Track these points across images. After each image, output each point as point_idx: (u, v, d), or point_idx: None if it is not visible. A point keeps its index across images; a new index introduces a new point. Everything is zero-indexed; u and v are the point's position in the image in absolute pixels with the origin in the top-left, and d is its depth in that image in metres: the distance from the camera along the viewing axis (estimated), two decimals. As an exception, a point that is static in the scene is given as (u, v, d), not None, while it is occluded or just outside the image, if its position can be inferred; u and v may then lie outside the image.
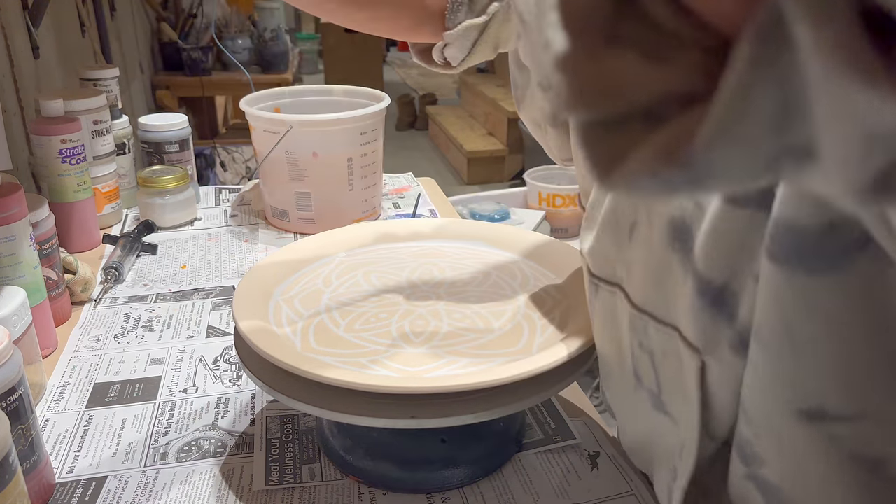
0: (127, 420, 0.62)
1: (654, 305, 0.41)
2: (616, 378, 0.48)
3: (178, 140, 1.06)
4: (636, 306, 0.43)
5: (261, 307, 0.57)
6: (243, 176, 2.19)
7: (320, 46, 5.57)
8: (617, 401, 0.50)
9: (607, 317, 0.47)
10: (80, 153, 0.89)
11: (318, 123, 0.93)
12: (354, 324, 0.56)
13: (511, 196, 2.24)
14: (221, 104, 3.13)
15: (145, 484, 0.55)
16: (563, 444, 0.59)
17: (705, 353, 0.37)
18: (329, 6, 0.56)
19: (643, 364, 0.44)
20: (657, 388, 0.43)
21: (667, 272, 0.39)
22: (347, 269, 0.65)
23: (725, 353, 0.37)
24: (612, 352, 0.48)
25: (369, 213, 1.02)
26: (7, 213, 0.65)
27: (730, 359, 0.36)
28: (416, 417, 0.47)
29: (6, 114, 1.02)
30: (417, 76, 6.04)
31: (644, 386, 0.45)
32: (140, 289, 0.85)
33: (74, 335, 0.75)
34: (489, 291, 0.61)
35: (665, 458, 0.45)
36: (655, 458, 0.48)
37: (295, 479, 0.55)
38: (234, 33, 2.51)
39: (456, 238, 0.71)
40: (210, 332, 0.76)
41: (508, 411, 0.48)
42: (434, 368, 0.50)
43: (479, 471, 0.55)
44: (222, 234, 1.01)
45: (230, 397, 0.65)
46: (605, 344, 0.49)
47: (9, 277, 0.67)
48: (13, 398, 0.48)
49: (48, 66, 1.28)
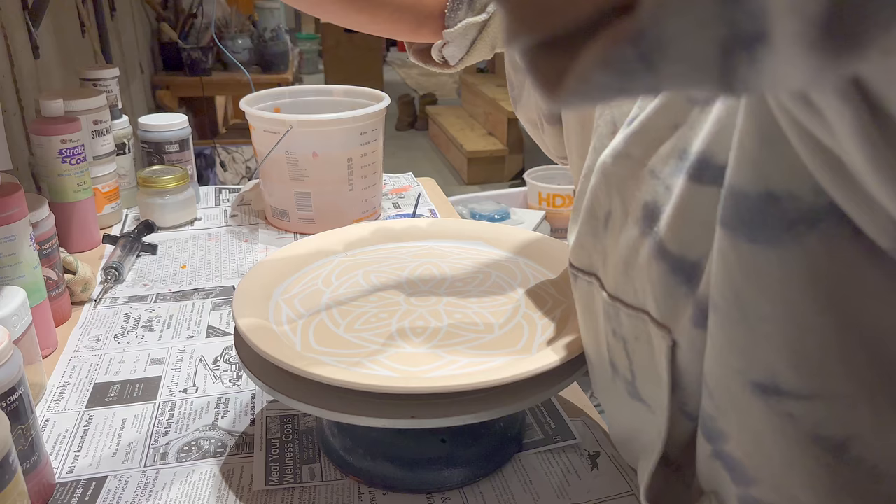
0: (127, 420, 0.62)
1: (625, 291, 0.42)
2: (597, 370, 0.49)
3: (178, 140, 1.06)
4: (608, 293, 0.43)
5: (261, 307, 0.57)
6: (243, 176, 2.19)
7: (320, 46, 5.57)
8: (600, 393, 0.51)
9: (586, 308, 0.47)
10: (80, 153, 0.89)
11: (318, 123, 0.93)
12: (354, 324, 0.56)
13: (511, 196, 2.24)
14: (221, 104, 3.13)
15: (145, 484, 0.55)
16: (563, 444, 0.59)
17: (675, 331, 0.38)
18: (329, 7, 0.56)
19: (617, 352, 0.44)
20: (631, 375, 0.44)
21: (636, 256, 0.40)
22: (347, 269, 0.65)
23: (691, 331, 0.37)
24: (591, 343, 0.48)
25: (369, 213, 1.03)
26: (7, 213, 0.65)
27: (694, 332, 0.37)
28: (416, 417, 0.47)
29: (6, 114, 1.02)
30: (417, 76, 6.04)
31: (620, 375, 0.45)
32: (140, 289, 0.85)
33: (74, 335, 0.75)
34: (489, 291, 0.61)
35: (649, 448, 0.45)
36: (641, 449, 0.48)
37: (295, 479, 0.55)
38: (234, 33, 2.51)
39: (456, 238, 0.71)
40: (210, 332, 0.76)
41: (508, 411, 0.48)
42: (434, 368, 0.50)
43: (479, 471, 0.55)
44: (222, 234, 1.01)
45: (230, 397, 0.65)
46: (586, 336, 0.49)
47: (9, 277, 0.67)
48: (13, 398, 0.48)
49: (48, 66, 1.28)
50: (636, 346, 0.42)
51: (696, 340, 0.37)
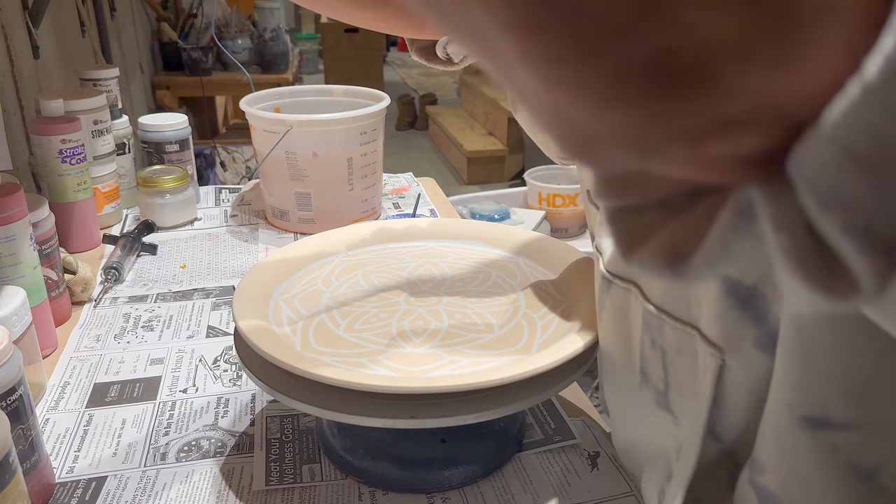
0: (127, 420, 0.62)
1: (674, 305, 0.42)
2: (620, 374, 0.48)
3: (178, 140, 1.06)
4: (654, 305, 0.43)
5: (261, 307, 0.57)
6: (243, 176, 2.19)
7: (320, 46, 5.57)
8: (615, 397, 0.50)
9: (617, 313, 0.47)
10: (80, 153, 0.89)
11: (318, 123, 0.93)
12: (354, 324, 0.56)
13: (511, 196, 2.24)
14: (221, 104, 3.13)
15: (145, 484, 0.55)
16: (563, 444, 0.59)
17: (727, 352, 0.38)
18: (333, 4, 0.56)
19: (653, 362, 0.44)
20: (664, 386, 0.44)
21: None
22: (347, 269, 0.65)
23: (750, 354, 0.37)
24: (619, 348, 0.48)
25: (369, 213, 1.03)
26: (7, 213, 0.65)
27: (754, 358, 0.37)
28: (416, 417, 0.47)
29: (6, 114, 1.02)
30: (417, 76, 6.04)
31: (650, 384, 0.45)
32: (140, 289, 0.85)
33: (74, 335, 0.75)
34: (489, 291, 0.61)
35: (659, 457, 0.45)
36: (647, 457, 0.48)
37: (295, 479, 0.55)
38: (234, 33, 2.51)
39: (456, 238, 0.71)
40: (210, 332, 0.76)
41: (508, 411, 0.48)
42: (434, 368, 0.50)
43: (479, 471, 0.55)
44: (222, 234, 1.01)
45: (230, 397, 0.65)
46: (611, 340, 0.49)
47: (9, 277, 0.67)
48: (13, 398, 0.48)
49: (48, 66, 1.28)
50: (677, 359, 0.42)
51: (758, 366, 0.37)
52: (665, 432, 0.44)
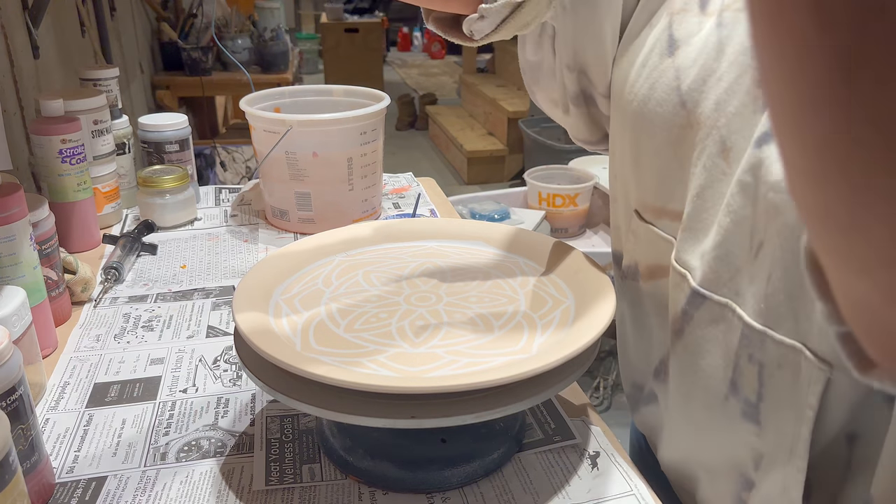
0: (127, 420, 0.62)
1: (779, 321, 0.42)
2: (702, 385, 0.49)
3: (178, 140, 1.06)
4: (755, 321, 0.44)
5: (261, 307, 0.57)
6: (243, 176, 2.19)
7: (320, 46, 5.57)
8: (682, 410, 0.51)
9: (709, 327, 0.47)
10: (80, 153, 0.89)
11: (318, 123, 0.93)
12: (354, 324, 0.56)
13: (511, 196, 2.24)
14: (221, 104, 3.13)
15: (145, 484, 0.55)
16: (563, 444, 0.59)
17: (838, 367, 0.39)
18: None
19: (747, 375, 0.45)
20: (757, 398, 0.44)
21: (800, 290, 0.40)
22: (347, 269, 0.65)
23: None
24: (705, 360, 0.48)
25: (369, 212, 1.03)
26: (7, 213, 0.65)
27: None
28: (416, 417, 0.47)
29: (6, 114, 1.02)
30: (417, 76, 6.04)
31: (740, 395, 0.46)
32: (140, 289, 0.85)
33: (74, 335, 0.75)
34: (489, 291, 0.61)
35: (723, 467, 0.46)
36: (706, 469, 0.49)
37: (295, 479, 0.55)
38: (234, 33, 2.51)
39: (456, 238, 0.71)
40: (210, 332, 0.76)
41: (508, 411, 0.48)
42: (434, 368, 0.50)
43: (479, 471, 0.55)
44: (222, 234, 1.01)
45: (230, 397, 0.65)
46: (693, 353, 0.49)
47: (9, 277, 0.67)
48: (13, 398, 0.48)
49: (48, 66, 1.28)
50: (776, 373, 0.43)
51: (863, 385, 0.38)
52: (742, 443, 0.45)
